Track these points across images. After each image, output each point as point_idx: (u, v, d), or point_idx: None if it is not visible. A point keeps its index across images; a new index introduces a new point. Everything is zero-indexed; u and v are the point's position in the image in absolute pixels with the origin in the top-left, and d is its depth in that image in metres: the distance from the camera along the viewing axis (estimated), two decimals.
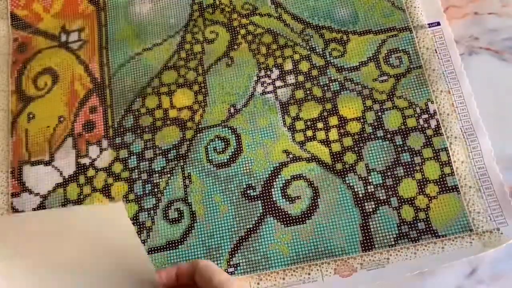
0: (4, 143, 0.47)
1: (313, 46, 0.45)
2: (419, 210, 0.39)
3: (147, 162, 0.44)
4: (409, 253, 0.38)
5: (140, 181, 0.44)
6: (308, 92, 0.44)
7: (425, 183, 0.40)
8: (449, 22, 0.44)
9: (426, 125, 0.41)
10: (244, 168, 0.43)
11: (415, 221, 0.39)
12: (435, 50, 0.43)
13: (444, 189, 0.40)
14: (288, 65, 0.45)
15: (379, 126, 0.42)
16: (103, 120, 0.46)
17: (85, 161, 0.45)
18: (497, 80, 0.43)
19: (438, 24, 0.44)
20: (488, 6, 0.45)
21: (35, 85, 0.49)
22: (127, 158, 0.45)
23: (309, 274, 0.39)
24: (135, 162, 0.44)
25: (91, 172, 0.45)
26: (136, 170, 0.44)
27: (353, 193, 0.41)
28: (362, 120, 0.42)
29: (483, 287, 0.38)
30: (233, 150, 0.43)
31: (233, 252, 0.41)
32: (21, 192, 0.45)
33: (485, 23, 0.45)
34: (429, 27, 0.44)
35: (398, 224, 0.39)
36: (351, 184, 0.41)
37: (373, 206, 0.40)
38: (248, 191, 0.42)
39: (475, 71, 0.43)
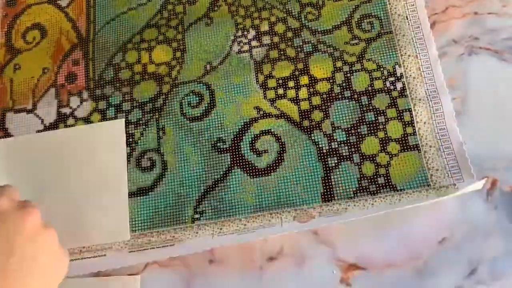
0: None
1: (290, 9, 0.47)
2: (379, 166, 0.41)
3: (124, 114, 0.46)
4: (367, 204, 0.40)
5: None
6: (282, 52, 0.46)
7: (387, 141, 0.41)
8: (448, 22, 0.45)
9: (392, 87, 0.43)
10: (216, 122, 0.44)
11: (375, 176, 0.40)
12: (406, 17, 0.45)
13: (405, 147, 0.41)
14: (265, 27, 0.47)
15: (347, 86, 0.43)
16: (84, 73, 0.48)
17: (66, 110, 0.47)
18: (497, 80, 0.43)
19: None
20: (488, 6, 0.45)
21: (24, 39, 0.51)
22: (106, 109, 0.46)
23: (269, 220, 0.40)
24: (113, 113, 0.46)
25: (70, 121, 0.47)
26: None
27: (318, 149, 0.42)
28: (331, 81, 0.44)
29: (483, 287, 0.38)
30: (206, 105, 0.45)
31: (200, 200, 0.42)
32: (3, 137, 0.47)
33: (485, 23, 0.45)
34: None
35: (359, 179, 0.41)
36: (316, 140, 0.42)
37: (336, 161, 0.41)
38: (218, 144, 0.44)
39: (475, 71, 0.43)
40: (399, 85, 0.43)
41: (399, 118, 0.42)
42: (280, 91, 0.44)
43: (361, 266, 0.39)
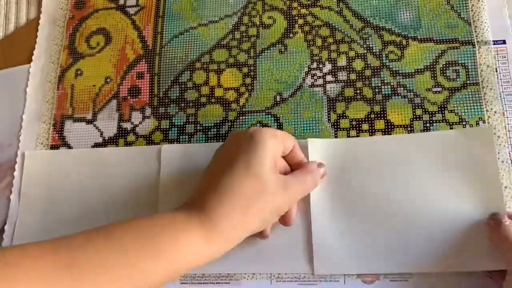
0: (50, 95, 0.48)
1: (371, 45, 0.44)
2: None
3: (187, 136, 0.44)
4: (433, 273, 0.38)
5: None
6: (358, 91, 0.43)
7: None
8: None
9: None
10: None
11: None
12: (496, 69, 0.42)
13: None
14: (342, 61, 0.44)
15: None
16: (149, 88, 0.47)
17: (127, 125, 0.46)
18: None
19: (504, 42, 0.42)
20: None
21: (88, 44, 0.50)
22: (168, 129, 0.45)
23: (332, 274, 0.39)
24: (176, 135, 0.45)
25: (131, 138, 0.45)
26: (175, 143, 0.44)
27: None
28: (409, 128, 0.41)
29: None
30: None
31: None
32: (60, 146, 0.46)
33: None
34: (494, 44, 0.42)
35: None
36: None
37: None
38: None
39: None
40: None
41: None
42: (353, 133, 0.42)
43: None
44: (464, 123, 0.41)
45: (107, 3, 0.51)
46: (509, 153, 0.40)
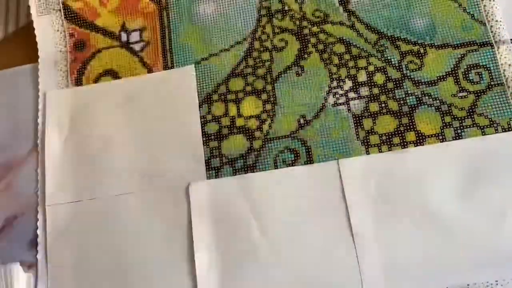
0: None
1: (389, 57, 0.44)
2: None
3: (213, 171, 0.43)
4: None
5: None
6: (383, 105, 0.43)
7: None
8: None
9: None
10: None
11: None
12: None
13: None
14: (362, 77, 0.44)
15: None
16: None
17: None
18: None
19: None
20: None
21: None
22: None
23: None
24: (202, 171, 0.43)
25: None
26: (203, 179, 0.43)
27: None
28: (440, 137, 0.41)
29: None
30: (303, 163, 0.42)
31: None
32: None
33: None
34: None
35: None
36: None
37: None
38: None
39: None
40: None
41: None
42: (385, 148, 0.41)
43: None
44: (495, 125, 0.40)
45: (109, 40, 0.49)
46: None
